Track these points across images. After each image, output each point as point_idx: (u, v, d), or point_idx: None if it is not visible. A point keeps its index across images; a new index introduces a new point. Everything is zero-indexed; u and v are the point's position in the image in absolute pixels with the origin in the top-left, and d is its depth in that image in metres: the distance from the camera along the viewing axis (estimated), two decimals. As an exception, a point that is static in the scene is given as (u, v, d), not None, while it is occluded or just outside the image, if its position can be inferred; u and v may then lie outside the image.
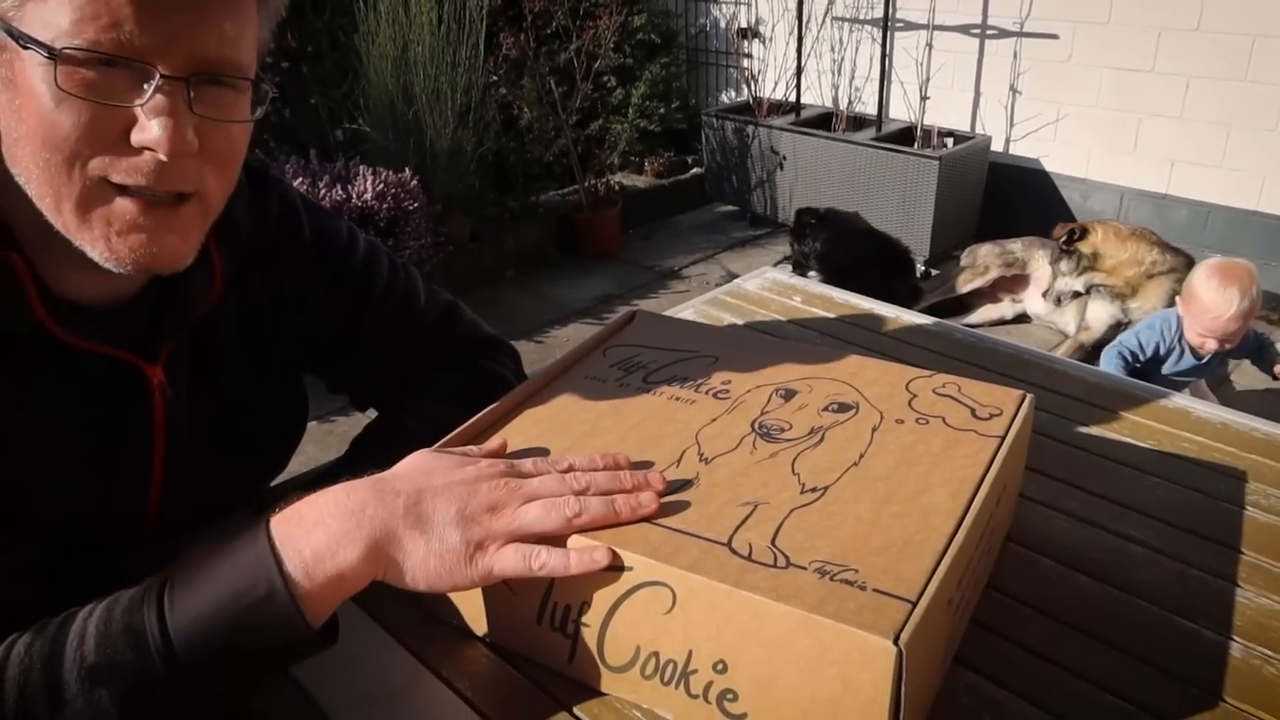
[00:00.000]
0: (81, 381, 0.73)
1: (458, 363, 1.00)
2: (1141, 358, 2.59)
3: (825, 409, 0.80)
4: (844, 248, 3.49)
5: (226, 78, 0.66)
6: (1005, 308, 3.62)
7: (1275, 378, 2.68)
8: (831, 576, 0.60)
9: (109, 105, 0.62)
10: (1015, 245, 3.58)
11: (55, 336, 0.70)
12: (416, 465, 0.69)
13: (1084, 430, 1.06)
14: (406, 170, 3.43)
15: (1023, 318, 3.63)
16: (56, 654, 0.59)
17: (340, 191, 3.22)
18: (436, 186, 3.71)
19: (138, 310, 0.77)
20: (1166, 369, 2.59)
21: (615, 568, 0.65)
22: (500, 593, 0.72)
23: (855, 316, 1.34)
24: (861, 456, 0.74)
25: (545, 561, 0.65)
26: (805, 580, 0.60)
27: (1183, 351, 2.55)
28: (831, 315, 1.35)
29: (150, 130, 0.63)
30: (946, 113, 4.14)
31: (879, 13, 4.18)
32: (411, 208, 3.36)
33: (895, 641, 0.55)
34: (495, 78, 3.99)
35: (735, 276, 3.61)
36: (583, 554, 0.64)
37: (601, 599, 0.66)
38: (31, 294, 0.68)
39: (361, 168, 3.36)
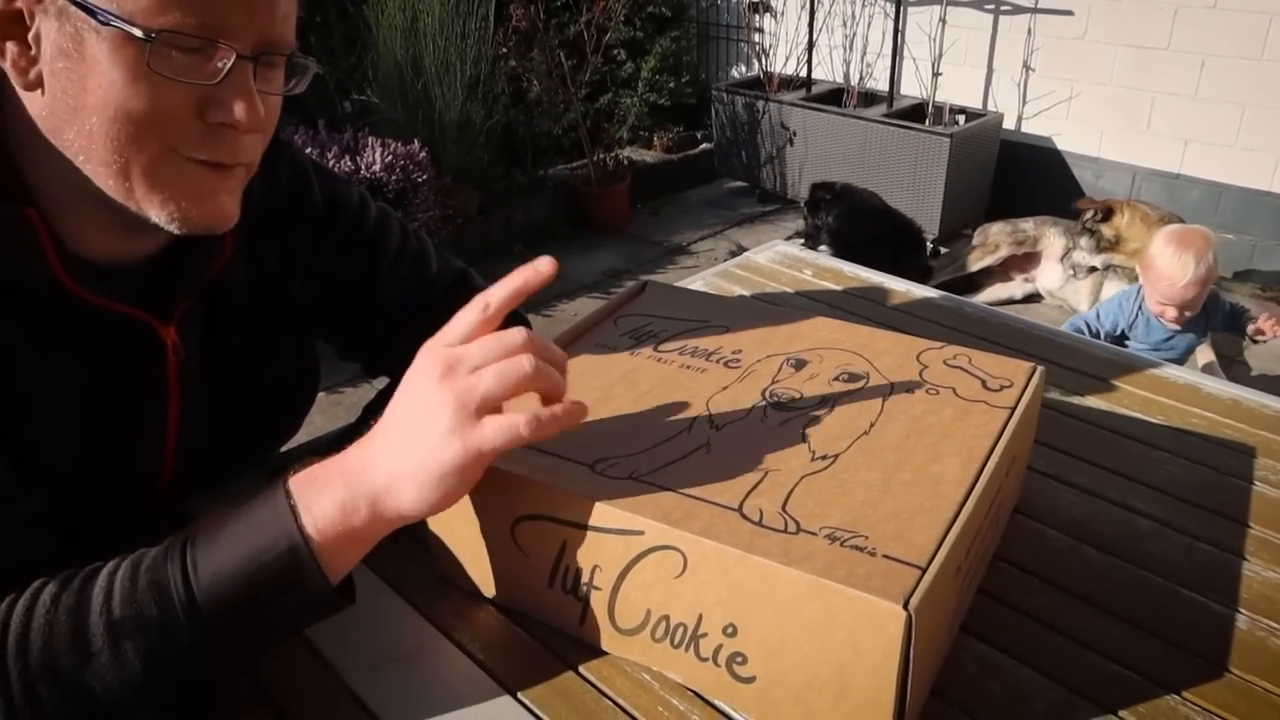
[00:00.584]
0: (95, 338, 0.74)
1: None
2: (1098, 330, 2.60)
3: (836, 378, 0.80)
4: (856, 224, 3.48)
5: (281, 56, 0.70)
6: (1015, 287, 3.61)
7: (1254, 341, 2.68)
8: (842, 542, 0.61)
9: (190, 84, 0.65)
10: (1027, 224, 3.56)
11: (70, 291, 0.71)
12: (402, 403, 0.66)
13: (1093, 405, 1.06)
14: (415, 142, 3.42)
15: (1033, 297, 3.61)
16: (83, 605, 0.59)
17: (349, 163, 3.22)
18: (445, 159, 3.70)
19: (152, 271, 0.78)
20: (1136, 343, 2.59)
21: (627, 531, 0.65)
22: (512, 555, 0.72)
23: (865, 290, 1.34)
24: (872, 425, 0.74)
25: (522, 420, 0.62)
26: (815, 545, 0.61)
27: (1148, 322, 2.56)
28: (841, 289, 1.34)
29: (230, 108, 0.66)
30: (958, 89, 4.11)
31: (892, -13, 4.15)
32: (420, 180, 3.35)
33: (905, 606, 0.55)
34: (504, 50, 3.97)
35: (744, 252, 3.62)
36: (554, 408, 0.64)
37: (613, 562, 0.67)
38: (48, 248, 0.69)
39: (370, 139, 3.35)
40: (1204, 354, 2.74)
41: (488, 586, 0.77)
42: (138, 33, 0.62)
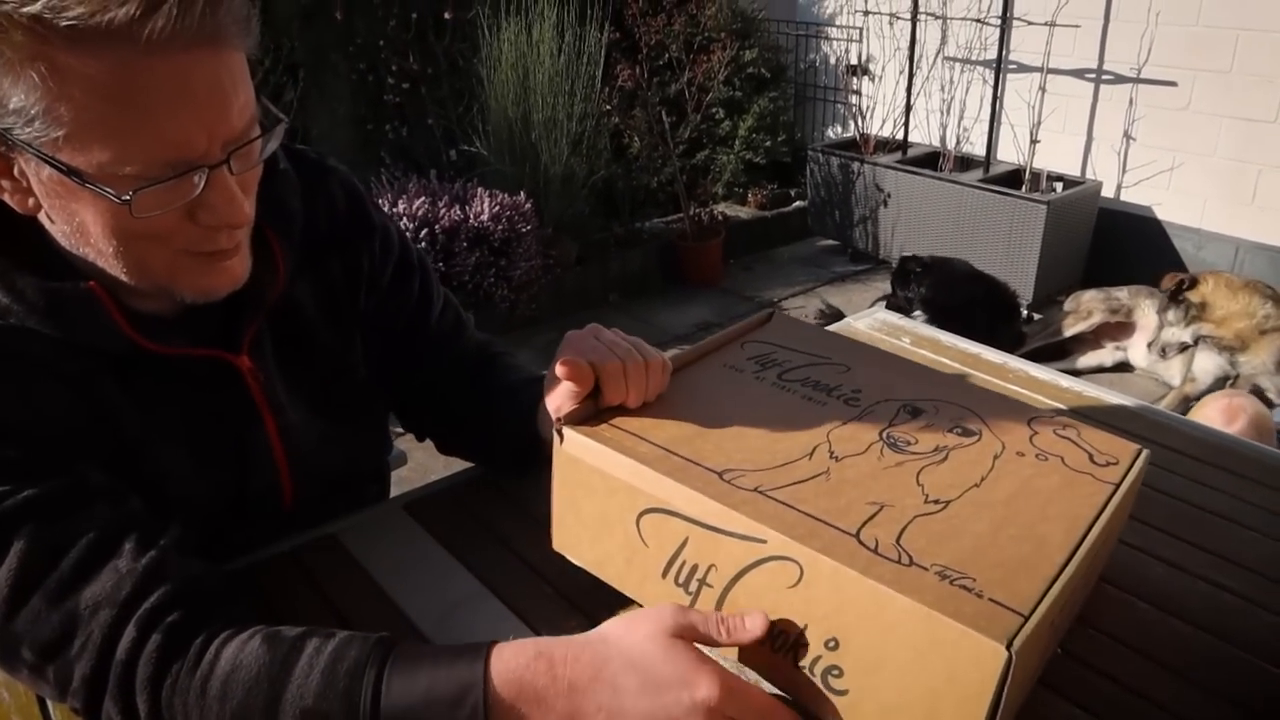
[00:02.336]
0: (181, 381, 0.84)
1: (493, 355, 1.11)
2: None
3: (950, 430, 0.85)
4: (950, 288, 3.51)
5: (248, 141, 0.74)
6: (1107, 354, 3.58)
7: None
8: (951, 580, 0.66)
9: (173, 210, 0.72)
10: (1121, 292, 3.54)
11: (145, 347, 0.80)
12: (626, 682, 0.66)
13: (1183, 482, 1.10)
14: (521, 194, 3.58)
15: (1124, 366, 3.58)
16: (282, 679, 0.67)
17: (459, 212, 3.38)
18: (548, 210, 3.85)
19: (213, 311, 0.86)
20: None
21: (750, 538, 0.71)
22: (633, 542, 0.79)
23: (962, 359, 1.39)
24: (983, 479, 0.79)
25: None
26: (927, 580, 0.66)
27: None
28: (940, 358, 1.40)
29: (217, 210, 0.73)
30: (1057, 156, 4.12)
31: (992, 54, 4.19)
32: (524, 230, 3.50)
33: (1008, 647, 0.61)
34: (609, 107, 4.13)
35: (833, 310, 3.67)
36: None
37: (730, 564, 0.73)
38: (115, 314, 0.77)
39: (479, 190, 3.52)
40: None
41: (601, 567, 0.84)
42: (114, 198, 0.68)
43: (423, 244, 3.26)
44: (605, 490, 0.81)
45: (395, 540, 0.99)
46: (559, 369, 0.82)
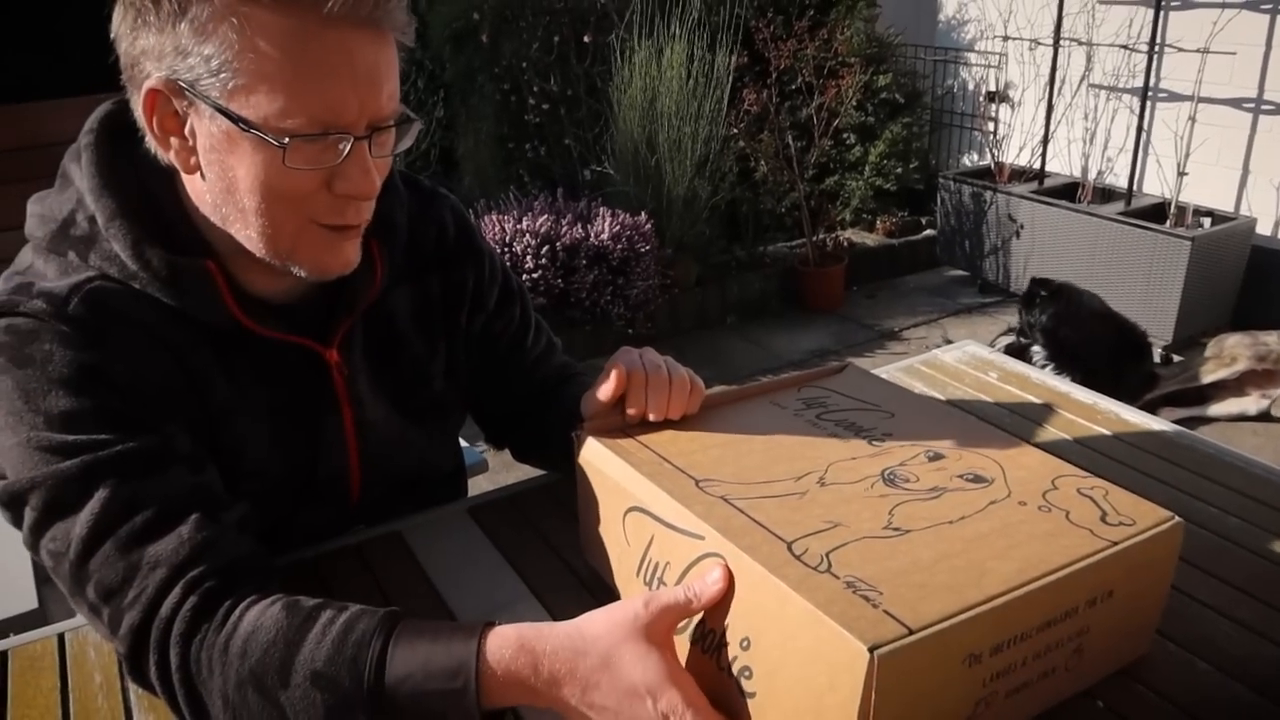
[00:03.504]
0: (272, 362, 0.92)
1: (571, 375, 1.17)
2: None
3: (960, 475, 0.83)
4: (1073, 325, 3.37)
5: (390, 125, 0.83)
6: (1251, 402, 3.35)
7: None
8: (855, 590, 0.66)
9: (318, 169, 0.80)
10: (1271, 337, 3.32)
11: (246, 327, 0.88)
12: (598, 680, 0.70)
13: (1274, 541, 1.03)
14: (642, 214, 3.63)
15: (1268, 415, 3.34)
16: (297, 642, 0.72)
17: (580, 230, 3.47)
18: (669, 231, 3.90)
19: (311, 304, 0.95)
20: None
21: (692, 534, 0.74)
22: (619, 542, 0.84)
23: (1049, 397, 1.35)
24: (962, 519, 0.76)
25: None
26: (831, 585, 0.66)
27: None
28: (1025, 396, 1.36)
29: (352, 179, 0.81)
30: (1207, 190, 3.90)
31: (1139, 82, 4.01)
32: (643, 250, 3.55)
33: (871, 650, 0.59)
34: (735, 131, 4.15)
35: (1017, 344, 3.54)
36: None
37: (679, 561, 0.76)
38: (225, 294, 0.86)
39: (602, 209, 3.59)
40: None
41: (603, 568, 0.89)
42: (272, 140, 0.77)
43: (543, 260, 3.36)
44: (605, 492, 0.86)
45: (454, 541, 1.04)
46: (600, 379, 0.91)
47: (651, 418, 0.92)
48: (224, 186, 0.81)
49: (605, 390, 0.93)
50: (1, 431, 0.79)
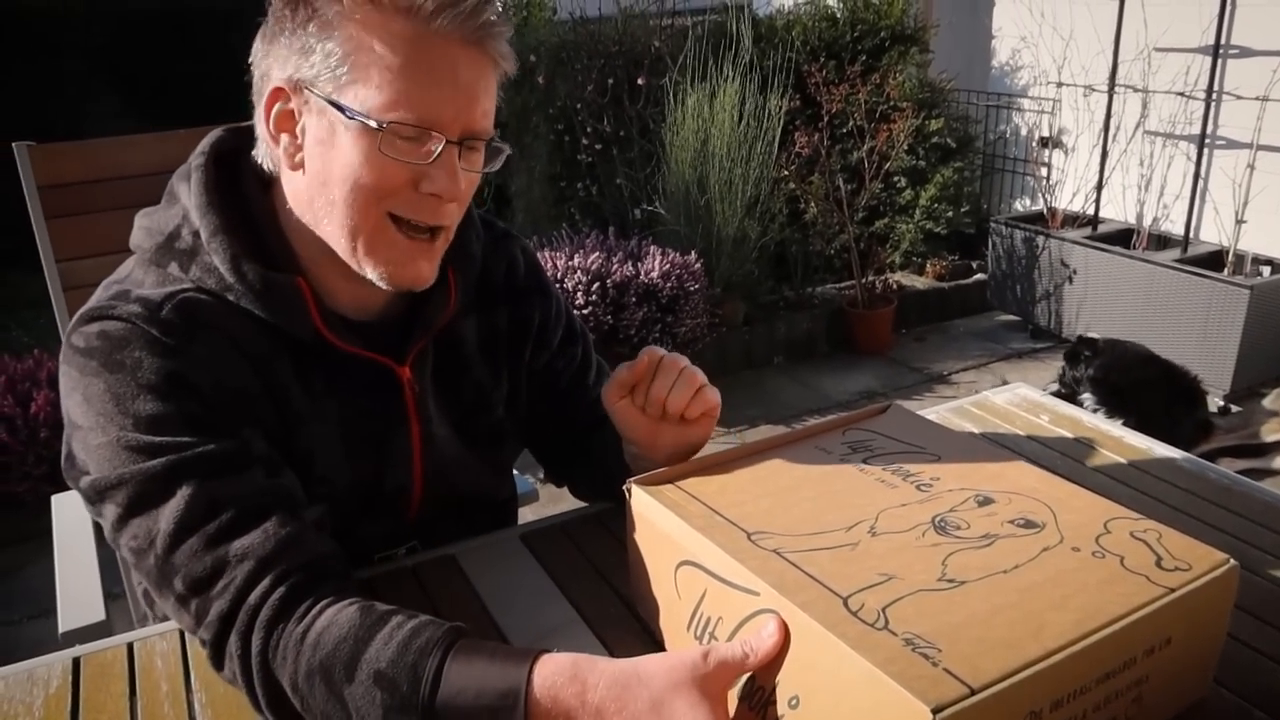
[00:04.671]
0: (348, 376, 0.97)
1: None
2: None
3: (1011, 521, 0.82)
4: (1121, 369, 3.32)
5: (481, 141, 0.90)
6: (1314, 456, 3.27)
7: None
8: (914, 648, 0.65)
9: (409, 163, 0.86)
10: (1334, 389, 3.25)
11: (328, 341, 0.93)
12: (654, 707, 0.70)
13: (1335, 591, 1.02)
14: (692, 253, 3.67)
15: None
16: (365, 641, 0.76)
17: (630, 268, 3.51)
18: (718, 270, 3.93)
19: (388, 323, 1.01)
20: None
21: (747, 590, 0.74)
22: (669, 595, 0.84)
23: (1100, 442, 1.34)
24: (1016, 567, 0.75)
25: None
26: (890, 644, 0.65)
27: None
28: (1075, 438, 1.35)
29: (438, 180, 0.87)
30: (1267, 238, 3.84)
31: (1195, 129, 3.98)
32: (692, 289, 3.58)
33: (935, 712, 0.59)
34: (786, 172, 4.18)
35: (1068, 387, 3.50)
36: None
37: (732, 617, 0.76)
38: (312, 309, 0.92)
39: (652, 248, 3.64)
40: None
41: (653, 619, 0.89)
42: (373, 124, 0.83)
43: (593, 296, 3.40)
44: (656, 544, 0.87)
45: (507, 566, 1.06)
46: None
47: (648, 406, 0.95)
48: (321, 180, 0.88)
49: (623, 379, 0.96)
50: (91, 431, 0.84)
